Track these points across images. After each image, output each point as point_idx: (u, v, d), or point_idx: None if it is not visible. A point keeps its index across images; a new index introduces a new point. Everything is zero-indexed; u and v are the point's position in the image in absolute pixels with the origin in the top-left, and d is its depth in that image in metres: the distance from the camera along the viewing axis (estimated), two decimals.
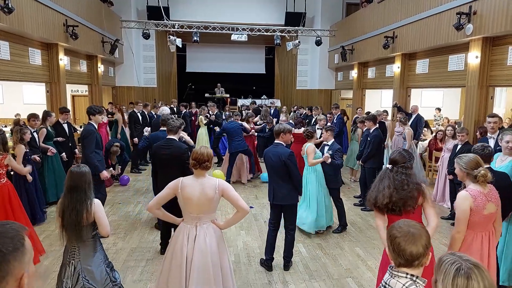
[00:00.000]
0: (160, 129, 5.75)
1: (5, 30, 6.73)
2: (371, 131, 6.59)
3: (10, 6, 5.84)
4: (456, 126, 7.19)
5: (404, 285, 1.66)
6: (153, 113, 9.94)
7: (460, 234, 2.88)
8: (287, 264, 4.39)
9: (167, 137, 4.66)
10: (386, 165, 2.95)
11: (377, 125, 6.75)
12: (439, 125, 11.40)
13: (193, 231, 2.91)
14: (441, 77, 8.65)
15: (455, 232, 2.91)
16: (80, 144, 6.17)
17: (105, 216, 2.88)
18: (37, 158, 5.74)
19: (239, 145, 7.91)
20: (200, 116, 10.39)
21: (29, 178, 5.33)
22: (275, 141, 4.33)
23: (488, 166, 3.30)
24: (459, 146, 5.72)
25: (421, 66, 9.42)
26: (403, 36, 9.47)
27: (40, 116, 6.33)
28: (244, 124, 8.36)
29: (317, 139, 6.62)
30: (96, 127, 5.22)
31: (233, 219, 3.03)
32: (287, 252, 4.37)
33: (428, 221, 2.81)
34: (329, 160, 5.16)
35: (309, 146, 5.30)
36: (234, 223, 3.11)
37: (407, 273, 1.68)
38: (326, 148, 5.51)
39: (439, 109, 12.43)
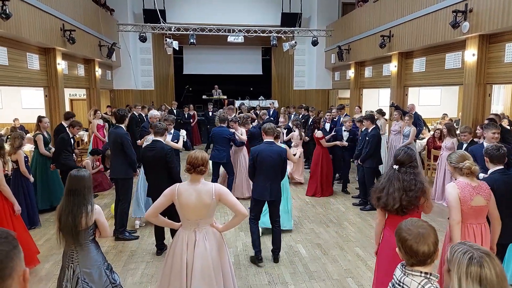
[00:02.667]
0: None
1: (3, 36, 6.74)
2: (369, 130, 6.60)
3: (7, 11, 5.85)
4: (454, 124, 7.23)
5: (419, 283, 1.70)
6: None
7: (456, 221, 2.95)
8: (277, 257, 4.57)
9: (153, 138, 4.76)
10: (393, 166, 2.95)
11: (375, 124, 6.79)
12: (437, 123, 11.41)
13: (192, 237, 2.88)
14: (438, 75, 8.67)
15: (452, 221, 2.99)
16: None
17: (106, 223, 2.95)
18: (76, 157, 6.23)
19: (217, 156, 6.88)
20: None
21: (31, 179, 5.40)
22: (267, 140, 4.40)
23: (501, 167, 3.32)
24: (464, 146, 5.72)
25: (418, 64, 9.44)
26: (399, 35, 9.49)
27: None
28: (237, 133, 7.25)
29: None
30: (125, 129, 5.37)
31: (231, 223, 3.02)
32: (277, 244, 4.55)
33: None
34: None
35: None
36: (233, 226, 3.09)
37: (421, 272, 1.73)
38: None
39: (449, 118, 11.79)
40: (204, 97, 15.86)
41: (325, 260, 4.64)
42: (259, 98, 15.81)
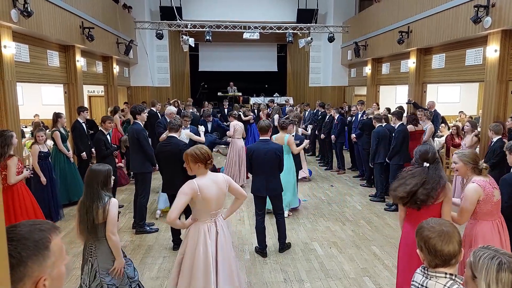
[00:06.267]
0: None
1: (25, 34, 6.89)
2: (396, 126, 6.56)
3: (29, 9, 5.98)
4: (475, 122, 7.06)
5: (445, 285, 1.62)
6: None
7: (464, 223, 3.00)
8: (283, 247, 4.73)
9: (168, 134, 4.87)
10: (423, 164, 2.86)
11: (402, 120, 6.76)
12: (456, 121, 11.16)
13: (213, 228, 2.95)
14: (458, 72, 8.47)
15: (462, 222, 2.99)
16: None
17: (115, 217, 2.88)
18: (116, 153, 6.32)
19: None
20: None
21: (43, 180, 5.50)
22: (263, 137, 4.59)
23: None
24: (492, 142, 5.60)
25: (437, 61, 9.24)
26: (418, 30, 9.30)
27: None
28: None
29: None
30: (142, 125, 5.47)
31: (234, 207, 3.21)
32: (282, 234, 4.71)
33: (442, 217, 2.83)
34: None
35: (289, 137, 5.82)
36: (236, 210, 3.30)
37: (445, 273, 1.65)
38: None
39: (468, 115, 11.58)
40: (219, 94, 15.92)
41: (341, 258, 4.61)
42: (274, 95, 15.78)
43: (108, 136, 6.18)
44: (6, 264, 0.84)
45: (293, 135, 6.09)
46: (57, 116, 6.51)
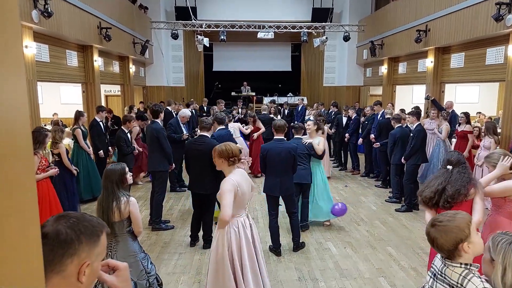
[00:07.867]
0: (219, 128, 5.97)
1: (45, 34, 7.07)
2: (414, 126, 6.46)
3: (49, 10, 6.14)
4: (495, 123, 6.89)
5: (461, 274, 1.71)
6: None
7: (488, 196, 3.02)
8: (297, 245, 4.72)
9: (200, 133, 4.84)
10: (447, 167, 3.00)
11: (420, 120, 6.68)
12: (475, 122, 10.90)
13: (247, 221, 3.12)
14: (478, 72, 8.29)
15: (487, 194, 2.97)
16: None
17: (139, 216, 2.98)
18: (137, 151, 6.60)
19: None
20: None
21: (74, 172, 5.65)
22: (277, 137, 4.55)
23: None
24: None
25: (456, 60, 9.06)
26: (436, 29, 9.14)
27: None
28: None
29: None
30: (162, 125, 5.58)
31: None
32: (296, 234, 4.72)
33: (472, 215, 2.80)
34: None
35: (321, 140, 5.50)
36: None
37: (460, 263, 1.75)
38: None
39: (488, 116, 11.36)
40: (233, 94, 15.97)
41: (356, 258, 4.57)
42: (288, 95, 15.73)
43: (129, 135, 6.32)
44: (41, 259, 0.85)
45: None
46: (79, 114, 6.69)
